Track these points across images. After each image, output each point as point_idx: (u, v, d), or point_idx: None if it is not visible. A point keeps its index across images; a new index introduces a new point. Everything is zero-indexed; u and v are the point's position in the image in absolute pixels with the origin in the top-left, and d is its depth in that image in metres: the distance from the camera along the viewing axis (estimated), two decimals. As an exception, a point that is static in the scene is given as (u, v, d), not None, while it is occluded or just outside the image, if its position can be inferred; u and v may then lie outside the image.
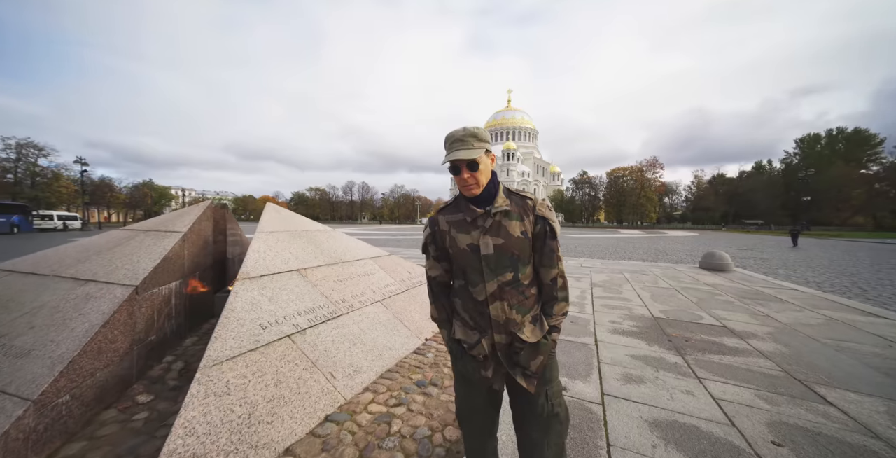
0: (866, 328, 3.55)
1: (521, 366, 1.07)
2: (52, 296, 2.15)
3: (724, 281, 6.42)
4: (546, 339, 1.08)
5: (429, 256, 1.23)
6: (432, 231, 1.19)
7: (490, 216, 1.06)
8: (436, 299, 1.24)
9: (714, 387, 2.25)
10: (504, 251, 1.05)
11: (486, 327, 1.09)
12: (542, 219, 1.08)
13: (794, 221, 51.57)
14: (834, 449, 1.61)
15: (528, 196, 1.11)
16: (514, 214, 1.07)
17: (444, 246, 1.15)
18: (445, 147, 1.05)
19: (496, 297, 1.06)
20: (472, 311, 1.11)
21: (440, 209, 1.20)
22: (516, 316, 1.07)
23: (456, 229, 1.11)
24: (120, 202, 53.41)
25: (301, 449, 1.67)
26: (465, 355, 1.14)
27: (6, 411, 1.37)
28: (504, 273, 1.06)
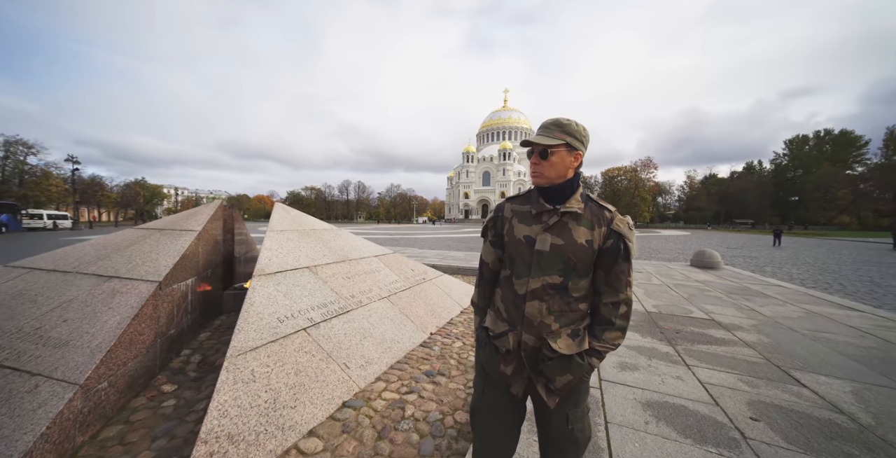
0: (842, 321, 3.80)
1: (545, 377, 1.01)
2: (79, 291, 2.26)
3: (714, 278, 6.67)
4: (582, 358, 0.99)
5: (486, 240, 1.19)
6: (495, 216, 1.16)
7: (557, 214, 1.00)
8: (482, 283, 1.21)
9: (701, 373, 2.44)
10: (560, 254, 0.98)
11: (517, 322, 1.04)
12: (617, 235, 0.98)
13: (782, 221, 52.82)
14: (803, 422, 1.81)
15: (607, 207, 1.03)
16: (585, 221, 1.00)
17: (502, 232, 1.11)
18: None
19: (536, 295, 1.01)
20: (509, 303, 1.07)
21: (509, 197, 1.17)
22: (553, 323, 1.00)
23: (518, 219, 1.07)
24: (111, 201, 52.48)
25: (323, 431, 1.80)
26: (488, 344, 1.10)
27: (58, 394, 1.49)
28: (552, 275, 0.99)
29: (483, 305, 1.21)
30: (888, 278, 7.83)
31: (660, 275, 6.95)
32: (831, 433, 1.73)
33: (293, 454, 1.61)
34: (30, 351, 1.74)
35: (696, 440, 1.66)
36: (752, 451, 1.59)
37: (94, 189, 47.63)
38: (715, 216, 69.53)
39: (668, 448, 1.59)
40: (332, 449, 1.66)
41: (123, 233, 3.19)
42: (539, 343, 1.02)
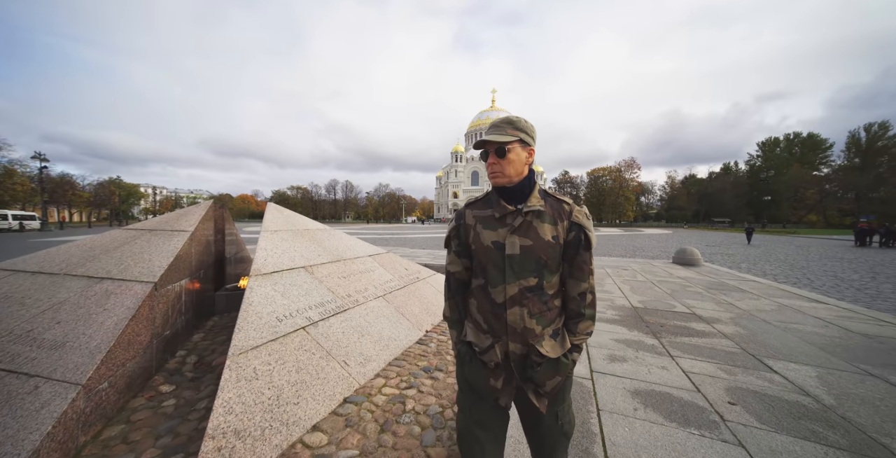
0: (809, 312, 4.08)
1: (536, 383, 0.99)
2: (70, 293, 2.20)
3: (695, 274, 7.00)
4: (567, 357, 0.99)
5: (450, 250, 1.14)
6: (457, 225, 1.11)
7: (521, 215, 0.99)
8: (451, 296, 1.16)
9: (684, 363, 2.60)
10: (531, 254, 0.97)
11: (501, 332, 1.01)
12: (578, 226, 0.99)
13: (757, 219, 55.41)
14: (775, 405, 1.98)
15: (565, 200, 1.03)
16: (547, 217, 0.99)
17: (468, 241, 1.07)
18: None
19: (515, 301, 0.98)
20: (487, 313, 1.03)
21: (469, 203, 1.13)
22: (536, 327, 0.99)
23: (482, 225, 1.03)
24: (83, 201, 49.91)
25: (327, 426, 1.84)
26: (473, 359, 1.04)
27: (60, 394, 1.47)
28: (527, 277, 0.98)
29: (457, 317, 1.15)
30: (850, 273, 8.41)
31: (644, 272, 7.23)
32: (799, 413, 1.90)
33: (299, 448, 1.64)
34: (24, 353, 1.71)
35: (680, 424, 1.79)
36: (731, 431, 1.73)
37: (63, 188, 45.19)
38: (694, 215, 72.28)
39: (655, 432, 1.72)
40: (336, 443, 1.71)
41: (111, 234, 3.11)
42: (526, 350, 0.99)
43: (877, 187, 48.99)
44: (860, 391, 2.14)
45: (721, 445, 1.62)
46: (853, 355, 2.76)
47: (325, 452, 1.62)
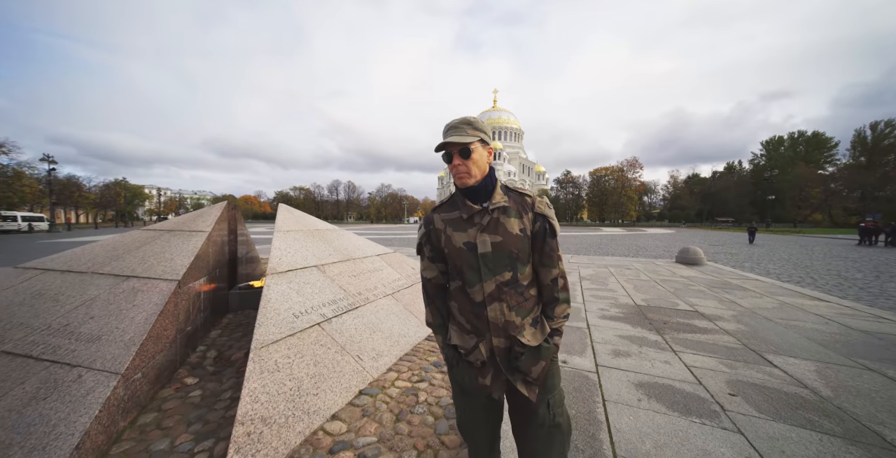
0: (811, 310, 4.14)
1: (522, 372, 1.02)
2: (99, 290, 2.32)
3: (698, 274, 7.05)
4: (548, 342, 1.03)
5: (423, 256, 1.16)
6: (427, 230, 1.12)
7: (487, 213, 1.02)
8: (431, 301, 1.17)
9: (686, 357, 2.69)
10: (502, 250, 1.00)
11: (483, 330, 1.03)
12: (542, 216, 1.04)
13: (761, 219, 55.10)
14: (773, 396, 2.06)
15: (526, 193, 1.07)
16: (513, 211, 1.02)
17: (440, 246, 1.09)
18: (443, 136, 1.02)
19: (494, 298, 1.01)
20: (468, 314, 1.05)
21: (435, 207, 1.15)
22: (515, 318, 1.02)
23: (452, 228, 1.05)
24: (89, 202, 50.49)
25: (345, 415, 1.95)
26: (461, 362, 1.08)
27: (102, 382, 1.58)
28: (502, 273, 1.01)
29: (440, 321, 1.17)
30: (853, 272, 8.42)
31: (647, 271, 7.28)
32: (796, 404, 1.98)
33: (321, 435, 1.75)
34: (64, 346, 1.82)
35: (682, 413, 1.88)
36: (730, 420, 1.81)
37: (70, 190, 45.76)
38: (698, 215, 71.90)
39: (658, 420, 1.81)
40: (355, 430, 1.81)
41: (131, 234, 3.24)
42: (509, 343, 1.02)
43: (883, 186, 48.54)
44: (857, 384, 2.21)
45: (721, 432, 1.70)
46: (852, 350, 2.83)
47: (346, 438, 1.72)
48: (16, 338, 1.91)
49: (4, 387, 1.58)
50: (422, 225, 1.15)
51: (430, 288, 1.17)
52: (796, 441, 1.63)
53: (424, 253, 1.15)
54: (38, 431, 1.37)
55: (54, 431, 1.37)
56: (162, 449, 1.57)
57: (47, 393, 1.54)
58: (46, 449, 1.31)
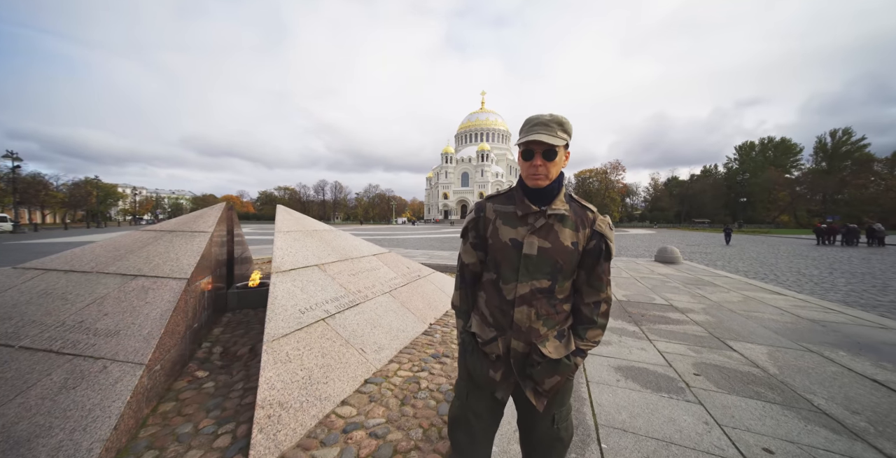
0: (770, 303, 4.59)
1: (534, 381, 0.99)
2: (108, 289, 2.39)
3: (674, 271, 7.53)
4: (569, 359, 0.99)
5: (466, 241, 1.14)
6: (476, 217, 1.09)
7: (543, 216, 0.98)
8: (463, 286, 1.16)
9: (660, 345, 2.99)
10: (548, 257, 0.97)
11: (505, 328, 1.02)
12: (600, 236, 0.99)
13: (734, 220, 58.10)
14: (730, 375, 2.37)
15: (589, 207, 1.03)
16: (570, 222, 0.98)
17: (485, 235, 1.06)
18: (523, 130, 0.97)
19: (525, 301, 0.98)
20: (494, 308, 1.04)
21: (490, 197, 1.12)
22: (541, 327, 0.99)
23: (502, 221, 1.03)
24: (57, 202, 47.73)
25: (354, 401, 2.11)
26: (476, 350, 1.07)
27: (128, 372, 1.69)
28: (541, 279, 0.97)
29: (465, 308, 1.16)
30: (811, 269, 9.18)
31: (628, 269, 7.72)
32: (748, 380, 2.30)
33: (333, 418, 1.91)
34: (83, 340, 1.91)
35: (653, 390, 2.15)
36: (693, 394, 2.10)
37: (36, 188, 43.15)
38: (676, 216, 74.95)
39: (633, 396, 2.07)
40: (364, 413, 1.98)
41: (131, 235, 3.28)
42: (528, 349, 1.00)
43: (841, 190, 52.23)
44: (798, 363, 2.57)
45: (684, 404, 1.98)
46: (799, 336, 3.22)
47: (357, 420, 1.90)
48: (32, 334, 1.98)
49: (31, 378, 1.67)
50: (472, 210, 1.12)
51: (467, 273, 1.14)
52: (744, 409, 1.92)
53: (468, 238, 1.13)
54: (74, 415, 1.48)
55: (90, 415, 1.49)
56: (187, 432, 1.70)
57: (76, 383, 1.64)
58: (87, 430, 1.42)
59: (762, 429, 1.73)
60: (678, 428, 1.73)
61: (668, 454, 1.54)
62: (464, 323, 1.15)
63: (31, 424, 1.44)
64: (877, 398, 2.03)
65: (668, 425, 1.76)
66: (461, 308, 1.17)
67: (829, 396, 2.07)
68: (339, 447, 1.66)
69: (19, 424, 1.44)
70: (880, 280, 7.24)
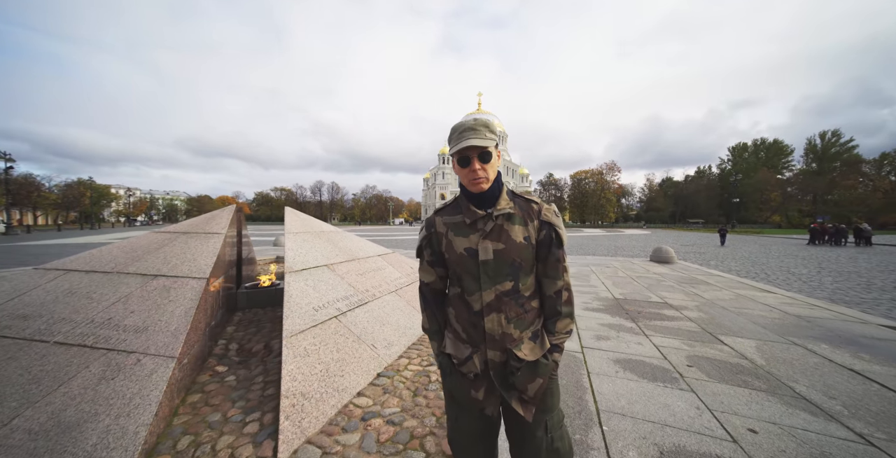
0: (760, 300, 4.79)
1: (518, 389, 0.96)
2: (131, 288, 2.50)
3: (669, 271, 7.73)
4: (546, 358, 0.98)
5: (423, 260, 1.11)
6: (428, 233, 1.08)
7: (491, 219, 0.97)
8: (427, 306, 1.13)
9: (656, 340, 3.15)
10: (504, 258, 0.96)
11: (479, 341, 0.99)
12: (548, 225, 0.99)
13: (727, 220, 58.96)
14: (721, 366, 2.54)
15: (533, 199, 1.02)
16: (518, 218, 0.98)
17: (441, 250, 1.05)
18: (452, 139, 0.95)
19: (493, 308, 0.97)
20: (465, 322, 1.01)
21: (437, 210, 1.10)
22: (514, 331, 0.97)
23: (454, 232, 1.01)
24: (49, 203, 47.12)
25: (369, 392, 2.24)
26: (454, 371, 1.03)
27: (161, 364, 1.80)
28: (503, 282, 0.97)
29: (436, 328, 1.13)
30: (801, 268, 9.45)
31: (625, 269, 7.91)
32: (737, 370, 2.47)
33: (351, 407, 2.04)
34: (114, 336, 2.02)
35: (649, 380, 2.31)
36: (686, 384, 2.26)
37: (28, 189, 42.59)
38: (671, 216, 75.82)
39: (630, 385, 2.22)
40: (380, 403, 2.11)
41: (146, 237, 3.38)
42: (505, 356, 0.98)
43: (831, 190, 53.25)
44: (784, 355, 2.74)
45: (678, 392, 2.14)
46: (786, 331, 3.40)
47: (374, 410, 2.02)
48: (64, 331, 2.09)
49: (71, 370, 1.78)
50: (423, 227, 1.11)
51: (428, 293, 1.13)
52: (732, 395, 2.09)
53: (424, 256, 1.11)
54: (117, 403, 1.60)
55: (132, 402, 1.60)
56: (217, 420, 1.82)
57: (114, 374, 1.75)
58: (131, 416, 1.54)
59: (748, 413, 1.89)
60: (672, 413, 1.89)
61: (662, 434, 1.69)
62: (437, 345, 1.12)
63: (78, 411, 1.55)
64: (852, 386, 2.21)
65: (663, 410, 1.92)
66: (431, 329, 1.14)
67: (810, 384, 2.24)
68: (359, 433, 1.78)
69: (66, 411, 1.55)
70: (865, 278, 7.51)
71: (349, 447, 1.66)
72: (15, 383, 1.71)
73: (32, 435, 1.44)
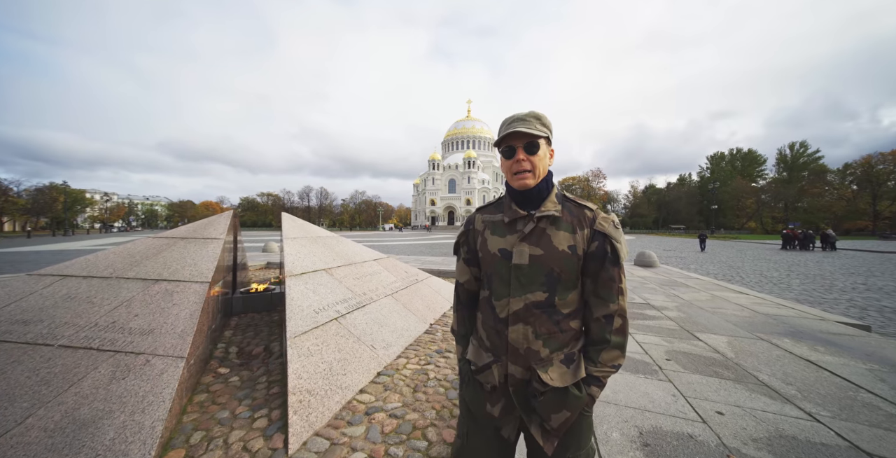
0: (733, 301, 5.13)
1: (540, 416, 0.84)
2: (132, 293, 2.54)
3: (652, 274, 8.09)
4: (579, 390, 0.84)
5: (459, 257, 1.07)
6: (466, 230, 1.04)
7: (532, 220, 0.88)
8: (459, 308, 1.08)
9: (638, 337, 3.37)
10: (541, 265, 0.86)
11: (501, 352, 0.89)
12: (603, 236, 0.86)
13: (707, 226, 61.43)
14: (695, 359, 2.77)
15: (587, 205, 0.92)
16: (564, 224, 0.88)
17: (476, 248, 0.99)
18: (500, 131, 0.90)
19: (519, 317, 0.87)
20: (490, 329, 0.93)
21: (480, 208, 1.05)
22: (542, 349, 0.86)
23: (490, 230, 0.95)
24: (17, 208, 44.75)
25: (371, 390, 2.34)
26: (472, 380, 0.95)
27: (171, 364, 1.86)
28: (535, 291, 0.86)
29: (464, 332, 1.06)
30: (772, 271, 10.06)
31: (610, 273, 8.23)
32: (709, 362, 2.70)
33: (355, 403, 2.14)
34: (121, 339, 2.07)
35: (632, 372, 2.50)
36: (664, 375, 2.46)
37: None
38: (654, 222, 78.33)
39: (615, 377, 2.40)
40: (382, 399, 2.22)
41: (143, 242, 3.40)
42: (528, 375, 0.87)
43: (800, 198, 56.40)
44: (751, 349, 3.00)
45: (657, 382, 2.34)
46: (755, 327, 3.70)
47: (376, 405, 2.13)
48: (68, 334, 2.12)
49: (80, 372, 1.82)
50: (463, 223, 1.06)
51: (462, 293, 1.07)
52: (704, 384, 2.30)
53: (461, 254, 1.06)
54: (131, 400, 1.66)
55: (145, 400, 1.67)
56: (225, 417, 1.89)
57: (124, 374, 1.80)
58: (145, 412, 1.60)
59: (717, 398, 2.11)
60: (651, 400, 2.08)
61: (642, 418, 1.87)
62: (462, 349, 1.05)
63: (92, 409, 1.61)
64: (807, 373, 2.47)
65: (643, 397, 2.11)
66: (459, 332, 1.08)
67: (772, 372, 2.49)
68: (364, 425, 1.89)
69: (80, 409, 1.60)
70: (828, 281, 8.08)
71: (356, 438, 1.77)
72: (24, 384, 1.74)
73: (48, 432, 1.49)
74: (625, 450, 1.59)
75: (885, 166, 49.00)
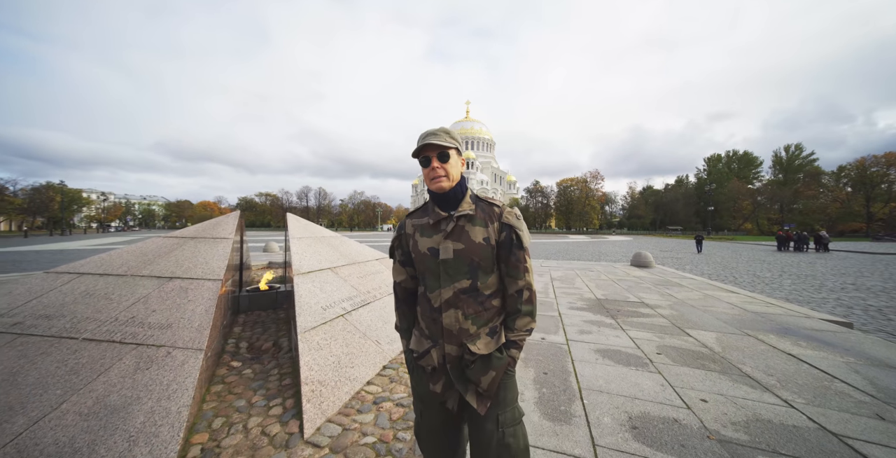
0: (724, 299, 5.29)
1: (472, 382, 1.00)
2: (148, 290, 2.65)
3: (648, 274, 8.25)
4: (500, 353, 1.01)
5: (395, 260, 1.20)
6: (399, 234, 1.17)
7: (453, 220, 1.03)
8: (399, 305, 1.20)
9: (632, 333, 3.52)
10: (463, 257, 1.01)
11: (437, 336, 1.04)
12: (509, 227, 1.03)
13: (703, 227, 61.94)
14: (684, 353, 2.92)
15: (495, 203, 1.08)
16: (478, 220, 1.04)
17: (409, 250, 1.13)
18: (418, 143, 1.03)
19: (451, 304, 1.02)
20: (427, 319, 1.07)
21: (409, 213, 1.19)
22: (470, 326, 1.02)
23: (420, 233, 1.09)
24: (14, 208, 44.47)
25: (377, 381, 2.47)
26: (417, 367, 1.10)
27: (191, 356, 1.98)
28: (461, 280, 1.02)
29: (406, 326, 1.19)
30: (765, 272, 10.26)
31: (607, 273, 8.39)
32: (698, 356, 2.85)
33: (363, 393, 2.27)
34: (141, 333, 2.18)
35: (624, 365, 2.64)
36: (655, 368, 2.61)
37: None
38: (652, 223, 78.83)
39: (608, 369, 2.55)
40: (388, 390, 2.34)
41: (154, 241, 3.51)
42: (461, 351, 1.02)
43: (795, 200, 56.98)
44: (738, 344, 3.16)
45: (648, 374, 2.48)
46: (743, 325, 3.85)
47: (383, 395, 2.26)
48: (90, 329, 2.23)
49: (106, 362, 1.94)
50: (396, 229, 1.19)
51: (400, 292, 1.20)
52: (692, 376, 2.45)
53: (396, 256, 1.20)
54: (156, 388, 1.78)
55: (170, 388, 1.79)
56: (242, 405, 2.01)
57: (147, 365, 1.92)
58: (171, 398, 1.73)
59: (702, 387, 2.25)
60: (641, 389, 2.22)
61: (632, 405, 2.01)
62: (406, 342, 1.18)
63: (121, 396, 1.73)
64: (788, 366, 2.63)
65: (634, 387, 2.25)
66: (402, 327, 1.21)
67: (755, 365, 2.64)
68: (373, 413, 2.02)
69: (110, 396, 1.72)
70: (819, 281, 8.28)
71: (366, 424, 1.90)
72: (54, 374, 1.86)
73: (83, 416, 1.61)
74: (615, 432, 1.73)
75: (879, 169, 49.66)
